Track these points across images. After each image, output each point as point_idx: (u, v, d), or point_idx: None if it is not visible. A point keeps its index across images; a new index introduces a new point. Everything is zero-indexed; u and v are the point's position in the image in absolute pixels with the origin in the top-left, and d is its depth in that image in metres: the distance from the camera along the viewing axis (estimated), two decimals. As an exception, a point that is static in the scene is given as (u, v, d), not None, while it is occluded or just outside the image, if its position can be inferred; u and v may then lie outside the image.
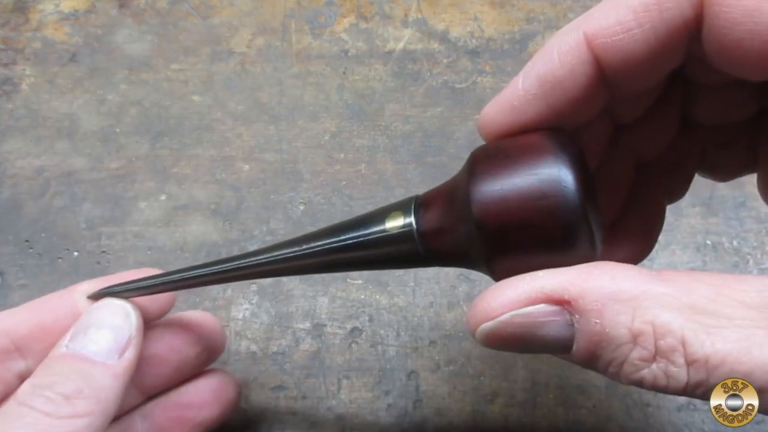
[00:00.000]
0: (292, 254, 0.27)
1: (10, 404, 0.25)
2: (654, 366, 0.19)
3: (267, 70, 0.47)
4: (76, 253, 0.41)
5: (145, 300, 0.29)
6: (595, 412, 0.36)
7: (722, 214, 0.41)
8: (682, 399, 0.36)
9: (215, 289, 0.39)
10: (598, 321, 0.20)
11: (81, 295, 0.29)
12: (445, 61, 0.47)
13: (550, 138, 0.23)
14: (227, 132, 0.45)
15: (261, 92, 0.46)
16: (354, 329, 0.38)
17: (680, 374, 0.19)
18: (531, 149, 0.22)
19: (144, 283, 0.29)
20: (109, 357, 0.26)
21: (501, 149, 0.23)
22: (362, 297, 0.39)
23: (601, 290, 0.20)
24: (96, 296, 0.29)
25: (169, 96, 0.46)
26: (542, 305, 0.21)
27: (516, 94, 0.23)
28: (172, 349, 0.31)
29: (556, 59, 0.23)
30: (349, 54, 0.48)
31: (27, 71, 0.47)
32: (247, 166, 0.44)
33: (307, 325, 0.39)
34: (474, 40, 0.48)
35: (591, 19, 0.22)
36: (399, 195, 0.42)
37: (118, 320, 0.28)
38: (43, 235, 0.41)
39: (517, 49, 0.48)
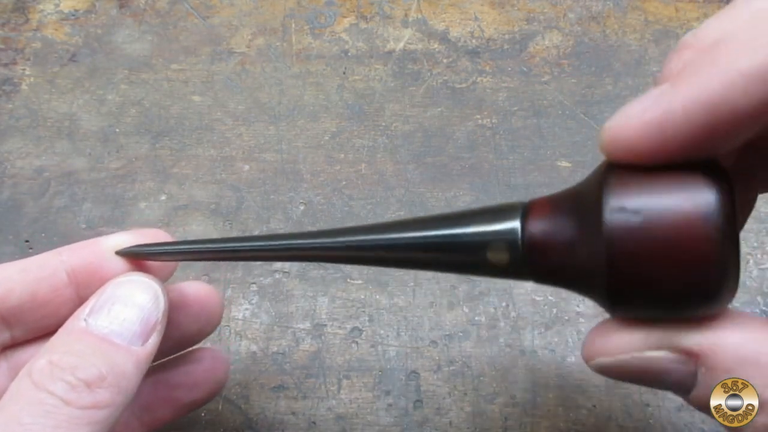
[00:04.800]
0: (365, 243, 0.24)
1: (24, 383, 0.22)
2: None
3: (267, 70, 0.47)
4: (76, 253, 0.41)
5: (157, 265, 0.27)
6: (595, 412, 0.36)
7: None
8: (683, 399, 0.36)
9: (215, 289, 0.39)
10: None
11: (109, 251, 0.26)
12: (445, 61, 0.47)
13: (713, 180, 0.18)
14: (227, 132, 0.45)
15: (261, 92, 0.46)
16: (354, 329, 0.38)
17: None
18: (690, 187, 0.18)
19: (183, 248, 0.26)
20: (133, 341, 0.24)
21: (652, 177, 0.18)
22: (362, 297, 0.39)
23: (737, 350, 0.18)
24: (127, 254, 0.26)
25: (169, 96, 0.46)
26: (666, 352, 0.19)
27: (671, 114, 0.18)
28: (172, 326, 0.28)
29: (738, 80, 0.17)
30: (349, 54, 0.48)
31: (27, 71, 0.47)
32: (247, 166, 0.44)
33: (307, 325, 0.39)
34: (474, 40, 0.48)
35: None
36: (399, 195, 0.42)
37: (147, 301, 0.25)
38: (43, 235, 0.41)
39: (517, 49, 0.48)
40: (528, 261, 0.21)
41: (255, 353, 0.38)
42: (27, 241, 0.41)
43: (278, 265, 0.40)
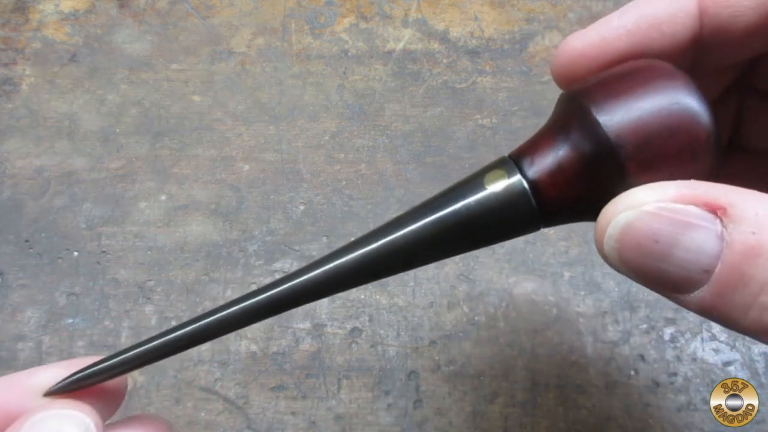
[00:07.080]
0: (379, 248, 0.22)
1: None
2: None
3: (267, 70, 0.47)
4: (76, 253, 0.41)
5: (98, 397, 0.22)
6: (595, 412, 0.36)
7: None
8: (683, 399, 0.36)
9: (215, 289, 0.39)
10: (756, 232, 0.17)
11: (35, 393, 0.21)
12: (445, 61, 0.47)
13: (661, 61, 0.21)
14: (227, 132, 0.45)
15: (261, 92, 0.46)
16: (354, 329, 0.38)
17: None
18: (651, 72, 0.21)
19: (126, 357, 0.21)
20: None
21: (614, 76, 0.21)
22: (362, 297, 0.39)
23: (763, 201, 0.17)
24: (59, 391, 0.21)
25: (169, 96, 0.46)
26: (693, 207, 0.18)
27: (609, 27, 0.22)
28: None
29: (661, 2, 0.22)
30: (349, 54, 0.48)
31: (27, 71, 0.47)
32: (247, 166, 0.44)
33: (307, 325, 0.39)
34: (474, 40, 0.48)
35: None
36: (399, 195, 0.42)
37: None
38: (43, 235, 0.41)
39: (517, 49, 0.48)
40: (540, 204, 0.22)
41: (255, 353, 0.38)
42: (27, 241, 0.41)
43: (278, 264, 0.40)
